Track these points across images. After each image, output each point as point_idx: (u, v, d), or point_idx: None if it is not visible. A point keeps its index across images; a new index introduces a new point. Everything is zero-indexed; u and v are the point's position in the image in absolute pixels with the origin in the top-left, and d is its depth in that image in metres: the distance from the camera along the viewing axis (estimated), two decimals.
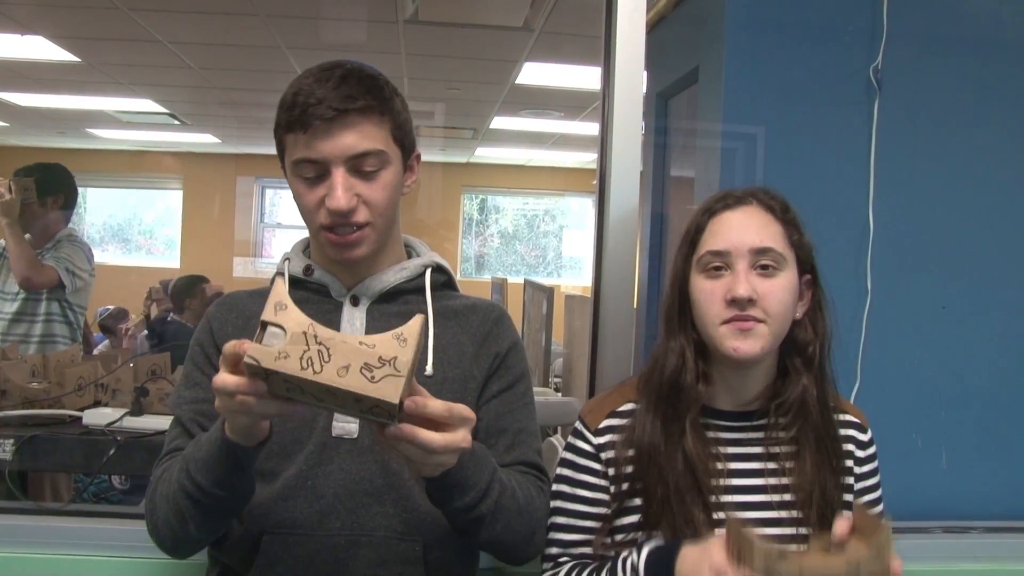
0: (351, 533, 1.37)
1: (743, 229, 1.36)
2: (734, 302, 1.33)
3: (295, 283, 1.48)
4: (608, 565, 1.36)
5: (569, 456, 1.48)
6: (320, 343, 1.05)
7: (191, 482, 1.25)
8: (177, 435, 1.43)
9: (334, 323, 1.44)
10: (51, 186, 3.39)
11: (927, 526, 2.03)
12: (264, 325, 1.07)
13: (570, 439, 1.49)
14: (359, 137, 1.35)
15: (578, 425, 1.48)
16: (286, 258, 1.51)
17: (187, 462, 1.27)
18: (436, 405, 1.13)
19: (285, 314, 1.07)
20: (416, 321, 1.10)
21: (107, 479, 3.44)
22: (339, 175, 1.35)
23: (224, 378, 1.10)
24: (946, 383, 2.13)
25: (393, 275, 1.47)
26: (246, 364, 1.05)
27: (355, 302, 1.46)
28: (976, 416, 2.14)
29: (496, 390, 1.48)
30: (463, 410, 1.17)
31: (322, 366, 1.04)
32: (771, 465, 1.40)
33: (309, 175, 1.37)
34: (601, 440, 1.44)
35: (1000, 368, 2.15)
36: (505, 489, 1.35)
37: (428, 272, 1.51)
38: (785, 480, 1.39)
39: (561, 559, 1.45)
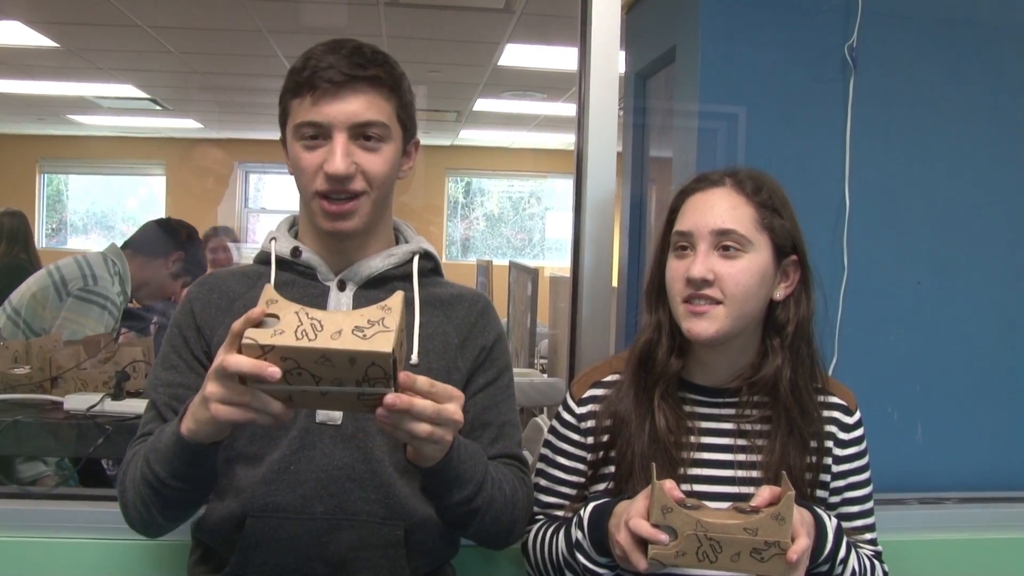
0: (333, 517, 1.39)
1: (708, 210, 1.39)
2: (690, 282, 1.37)
3: (281, 264, 1.47)
4: (569, 521, 1.42)
5: (555, 423, 1.55)
6: (312, 318, 1.11)
7: (151, 472, 1.27)
8: (151, 419, 1.44)
9: (320, 308, 1.44)
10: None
11: (903, 498, 2.06)
12: None
13: (559, 407, 1.55)
14: (365, 105, 1.36)
15: (566, 394, 1.54)
16: (272, 237, 1.50)
17: (148, 451, 1.29)
18: (422, 379, 1.17)
19: (276, 306, 1.12)
20: (397, 296, 1.16)
21: None
22: (340, 140, 1.35)
23: (238, 359, 1.09)
24: (921, 357, 2.15)
25: (381, 261, 1.47)
26: (244, 345, 1.09)
27: (342, 287, 1.45)
28: (951, 390, 2.16)
29: (483, 383, 1.50)
30: (448, 387, 1.20)
31: (316, 335, 1.09)
32: (741, 442, 1.43)
33: (311, 138, 1.36)
34: (583, 410, 1.50)
35: (974, 342, 2.17)
36: (495, 482, 1.39)
37: (416, 259, 1.50)
38: (754, 457, 1.42)
39: (538, 517, 1.53)
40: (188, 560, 1.50)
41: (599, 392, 1.51)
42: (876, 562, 1.45)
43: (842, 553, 1.32)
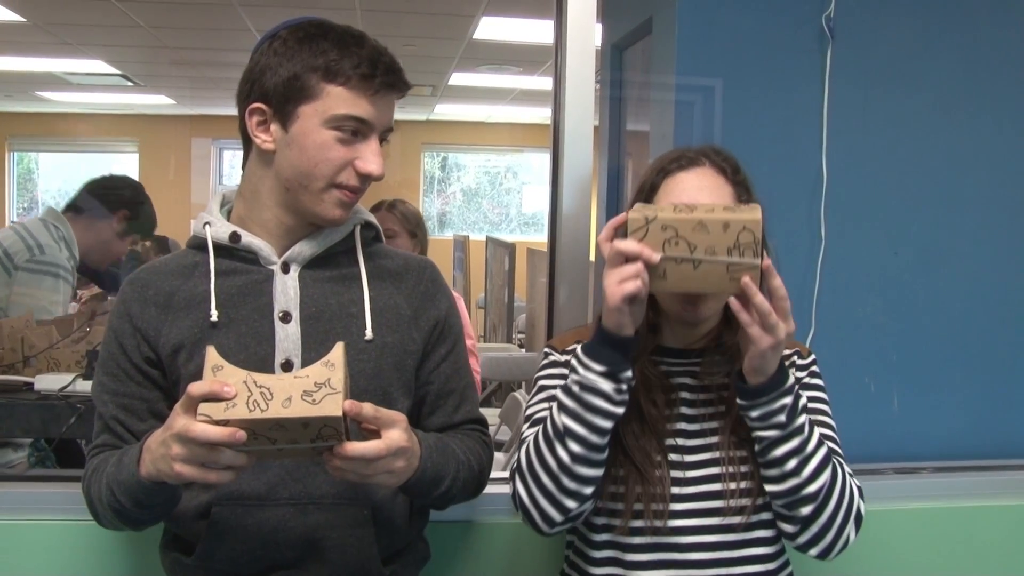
0: (299, 502, 1.40)
1: (696, 191, 1.41)
2: None
3: (221, 251, 1.42)
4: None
5: (539, 375, 1.54)
6: (260, 386, 1.16)
7: (115, 499, 1.30)
8: (101, 429, 1.42)
9: (266, 292, 1.41)
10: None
11: (880, 467, 2.08)
12: None
13: (541, 362, 1.55)
14: (393, 111, 1.41)
15: (546, 349, 1.56)
16: (205, 222, 1.43)
17: (110, 481, 1.31)
18: (366, 406, 1.20)
19: (223, 373, 1.17)
20: (338, 348, 1.21)
21: None
22: (375, 141, 1.38)
23: (206, 430, 1.12)
24: (898, 328, 2.16)
25: (323, 239, 1.44)
26: (199, 420, 1.14)
27: (285, 269, 1.42)
28: (927, 359, 2.18)
29: (443, 354, 1.52)
30: (391, 413, 1.23)
31: (267, 404, 1.14)
32: (703, 396, 1.47)
33: (348, 132, 1.35)
34: (568, 357, 1.50)
35: (951, 312, 2.19)
36: (466, 466, 1.44)
37: (357, 230, 1.48)
38: (720, 409, 1.46)
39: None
40: (160, 541, 1.51)
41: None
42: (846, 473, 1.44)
43: (790, 399, 1.33)
